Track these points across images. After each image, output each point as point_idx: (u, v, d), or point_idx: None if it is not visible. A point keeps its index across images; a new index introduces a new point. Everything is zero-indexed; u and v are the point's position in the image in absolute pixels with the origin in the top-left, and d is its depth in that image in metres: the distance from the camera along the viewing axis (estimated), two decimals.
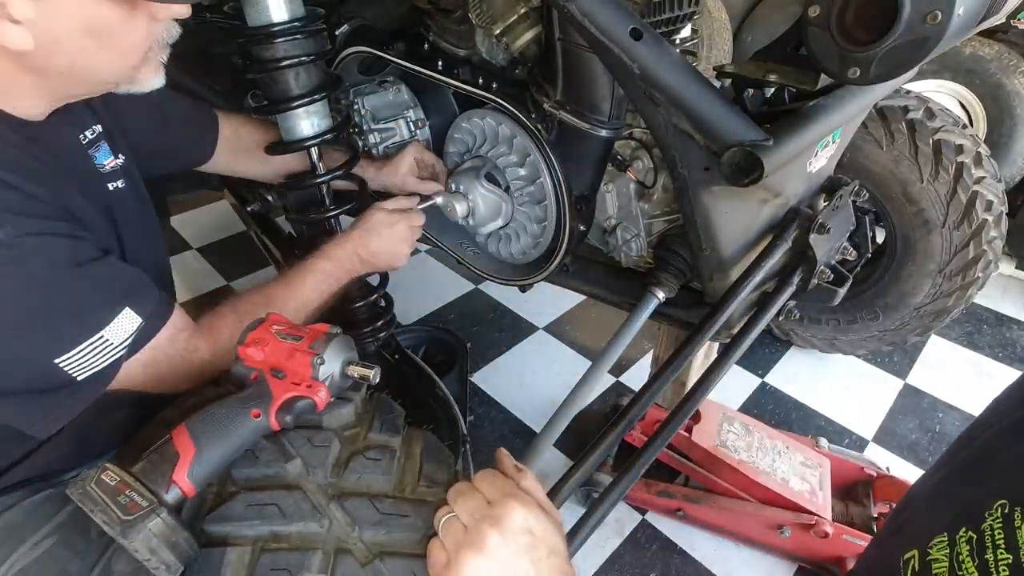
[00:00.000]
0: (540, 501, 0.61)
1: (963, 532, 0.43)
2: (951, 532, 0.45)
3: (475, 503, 0.59)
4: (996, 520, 0.41)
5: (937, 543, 0.45)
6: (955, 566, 0.43)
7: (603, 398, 1.82)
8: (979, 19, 0.74)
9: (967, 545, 0.43)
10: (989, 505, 0.42)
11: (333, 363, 0.69)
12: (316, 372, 0.67)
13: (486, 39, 1.07)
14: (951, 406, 1.82)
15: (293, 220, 1.11)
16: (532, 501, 0.60)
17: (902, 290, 1.64)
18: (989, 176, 1.49)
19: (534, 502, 0.60)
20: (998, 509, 0.42)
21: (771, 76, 0.89)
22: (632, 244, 1.10)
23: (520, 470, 0.64)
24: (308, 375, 0.67)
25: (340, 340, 0.71)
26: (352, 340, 0.73)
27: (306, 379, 0.67)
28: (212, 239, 2.52)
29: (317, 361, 0.67)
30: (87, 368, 0.67)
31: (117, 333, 0.69)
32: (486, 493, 0.60)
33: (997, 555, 0.40)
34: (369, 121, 1.24)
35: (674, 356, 0.90)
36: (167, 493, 0.59)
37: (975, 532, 0.42)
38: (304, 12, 0.94)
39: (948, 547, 0.44)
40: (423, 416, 1.23)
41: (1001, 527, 0.41)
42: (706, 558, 1.42)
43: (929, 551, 0.46)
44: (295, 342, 0.69)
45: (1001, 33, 2.39)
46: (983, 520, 0.42)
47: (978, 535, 0.42)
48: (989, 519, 0.42)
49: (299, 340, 0.69)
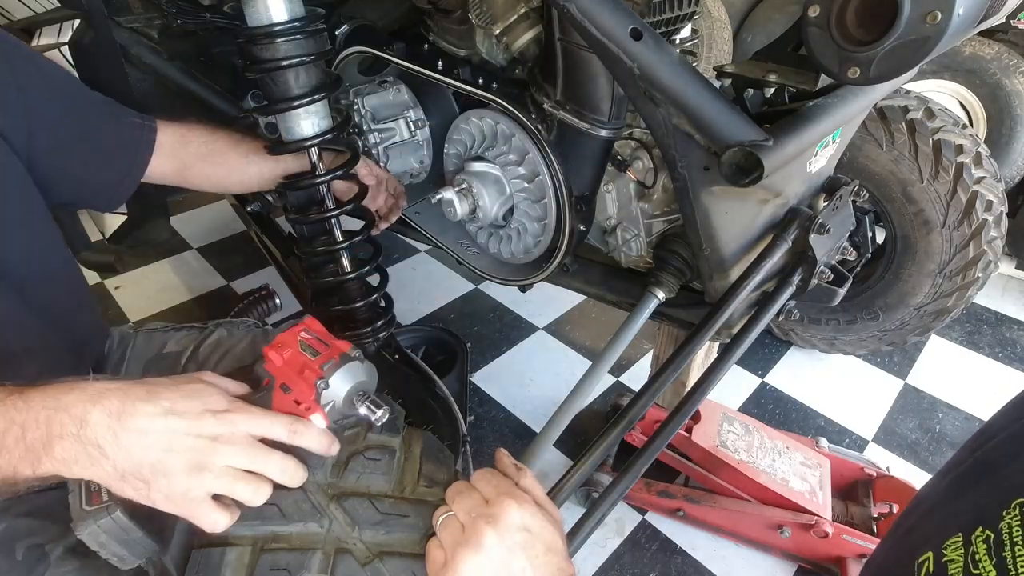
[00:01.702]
0: (538, 499, 0.62)
1: (979, 531, 0.43)
2: (966, 532, 0.44)
3: (472, 502, 0.59)
4: (1015, 518, 0.41)
5: (952, 543, 0.45)
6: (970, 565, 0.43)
7: (603, 398, 1.82)
8: (979, 19, 0.74)
9: (984, 544, 0.42)
10: (1007, 503, 0.42)
11: (338, 389, 0.66)
12: (318, 396, 0.65)
13: (486, 39, 1.07)
14: (951, 406, 1.82)
15: (293, 220, 1.11)
16: (529, 499, 0.60)
17: (902, 290, 1.64)
18: (989, 176, 1.49)
19: (531, 500, 0.60)
20: (1016, 507, 0.42)
21: (771, 76, 0.89)
22: (632, 244, 1.10)
23: (519, 469, 0.64)
24: (311, 397, 0.65)
25: (353, 367, 0.67)
26: (373, 367, 0.70)
27: (308, 400, 0.65)
28: (212, 239, 2.52)
29: (321, 385, 0.65)
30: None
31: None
32: (484, 492, 0.60)
33: (1015, 552, 0.40)
34: (369, 121, 1.24)
35: (674, 356, 0.90)
36: None
37: (992, 531, 0.42)
38: (304, 12, 0.94)
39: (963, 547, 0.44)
40: (423, 416, 1.23)
41: (1020, 524, 0.40)
42: (706, 558, 1.42)
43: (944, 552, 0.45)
44: (311, 357, 0.67)
45: (1001, 33, 2.39)
46: (1000, 519, 0.42)
47: (995, 533, 0.42)
48: (1007, 517, 0.41)
49: (316, 356, 0.67)
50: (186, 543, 0.63)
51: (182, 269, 2.34)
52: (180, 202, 2.66)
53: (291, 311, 2.07)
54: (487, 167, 1.12)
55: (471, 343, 2.00)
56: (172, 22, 1.24)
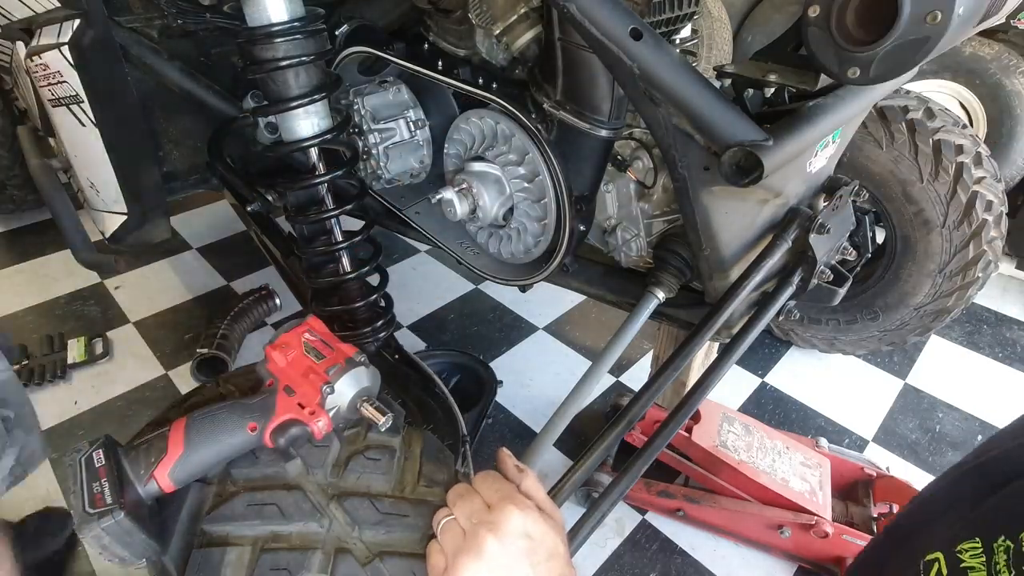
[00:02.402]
0: (540, 502, 0.61)
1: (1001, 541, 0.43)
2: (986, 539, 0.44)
3: (473, 507, 0.59)
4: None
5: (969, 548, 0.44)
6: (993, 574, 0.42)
7: (603, 398, 1.82)
8: (979, 19, 0.74)
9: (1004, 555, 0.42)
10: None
11: (343, 394, 0.67)
12: (323, 400, 0.65)
13: (486, 39, 1.07)
14: (951, 406, 1.82)
15: (293, 220, 1.11)
16: (531, 504, 0.59)
17: (902, 290, 1.64)
18: (989, 176, 1.49)
19: (533, 505, 0.59)
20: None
21: (771, 76, 0.89)
22: (632, 244, 1.10)
23: (521, 471, 0.64)
24: (315, 400, 0.65)
25: (359, 371, 0.68)
26: (377, 372, 0.70)
27: (312, 404, 0.65)
28: (212, 239, 2.52)
29: (327, 389, 0.65)
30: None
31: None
32: (485, 496, 0.60)
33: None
34: (369, 121, 1.24)
35: (674, 356, 0.90)
36: (144, 486, 0.59)
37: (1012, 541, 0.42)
38: (304, 12, 0.94)
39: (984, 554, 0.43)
40: (423, 416, 1.23)
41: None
42: (706, 558, 1.42)
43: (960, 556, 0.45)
44: (316, 360, 0.67)
45: (1001, 33, 2.39)
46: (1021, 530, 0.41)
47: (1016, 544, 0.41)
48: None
49: (321, 359, 0.67)
50: (186, 543, 0.63)
51: (182, 269, 2.34)
52: (180, 202, 2.66)
53: (291, 311, 2.07)
54: (487, 167, 1.12)
55: (471, 343, 2.00)
56: (172, 22, 1.23)
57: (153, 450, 0.61)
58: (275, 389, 0.67)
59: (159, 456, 0.60)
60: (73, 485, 0.56)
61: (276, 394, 0.66)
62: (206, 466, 0.63)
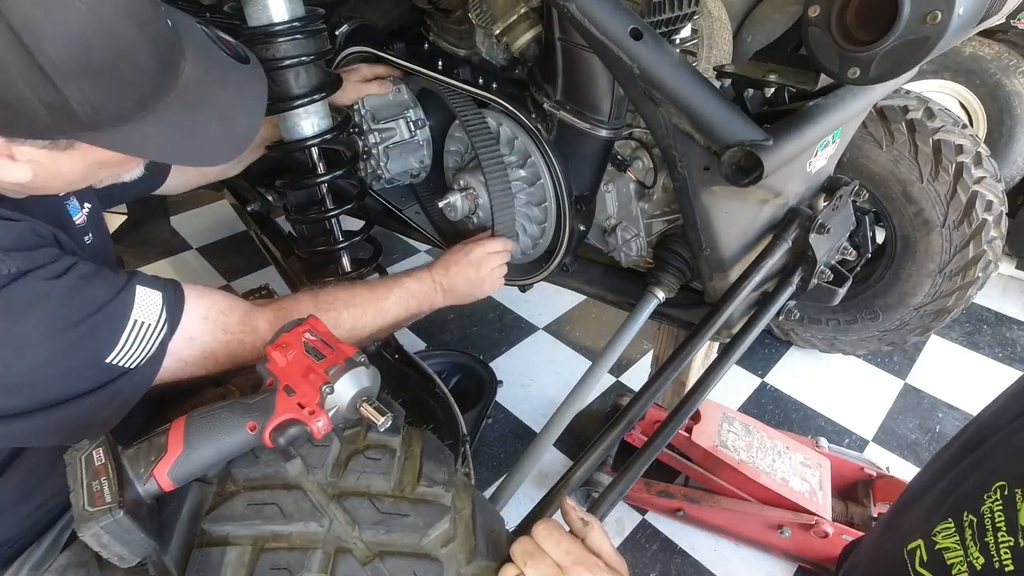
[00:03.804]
0: (607, 558, 0.62)
1: (965, 516, 0.43)
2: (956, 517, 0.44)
3: (546, 570, 0.59)
4: (996, 503, 0.41)
5: (943, 530, 0.45)
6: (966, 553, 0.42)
7: (603, 398, 1.82)
8: (979, 19, 0.74)
9: (969, 529, 0.42)
10: (988, 487, 0.42)
11: (343, 394, 0.66)
12: (323, 400, 0.65)
13: (486, 39, 1.07)
14: (951, 406, 1.82)
15: (293, 220, 1.11)
16: (601, 565, 0.60)
17: (902, 290, 1.64)
18: (989, 176, 1.49)
19: (603, 566, 0.60)
20: (997, 491, 0.41)
21: (771, 76, 0.89)
22: (632, 244, 1.10)
23: (587, 524, 0.64)
24: (315, 400, 0.65)
25: (359, 372, 0.67)
26: (377, 373, 0.70)
27: (312, 404, 0.65)
28: (212, 239, 2.52)
29: (326, 389, 0.65)
30: (138, 356, 0.69)
31: (146, 313, 0.70)
32: (555, 557, 0.60)
33: (998, 538, 0.40)
34: (369, 121, 1.24)
35: (674, 356, 0.90)
36: (144, 485, 0.59)
37: (975, 515, 0.42)
38: (304, 12, 0.94)
39: (956, 533, 0.44)
40: (423, 416, 1.23)
41: (1001, 509, 0.40)
42: (706, 558, 1.42)
43: (935, 539, 0.45)
44: (316, 360, 0.67)
45: (1001, 33, 2.39)
46: (982, 502, 0.42)
47: (978, 518, 0.42)
48: (988, 501, 0.41)
49: (321, 359, 0.67)
50: (186, 543, 0.63)
51: (182, 269, 2.34)
52: (180, 202, 2.66)
53: None
54: None
55: (471, 343, 2.00)
56: None
57: (153, 449, 0.61)
58: (275, 389, 0.67)
59: (159, 455, 0.60)
60: (73, 483, 0.56)
61: (276, 394, 0.66)
62: (206, 465, 0.63)
